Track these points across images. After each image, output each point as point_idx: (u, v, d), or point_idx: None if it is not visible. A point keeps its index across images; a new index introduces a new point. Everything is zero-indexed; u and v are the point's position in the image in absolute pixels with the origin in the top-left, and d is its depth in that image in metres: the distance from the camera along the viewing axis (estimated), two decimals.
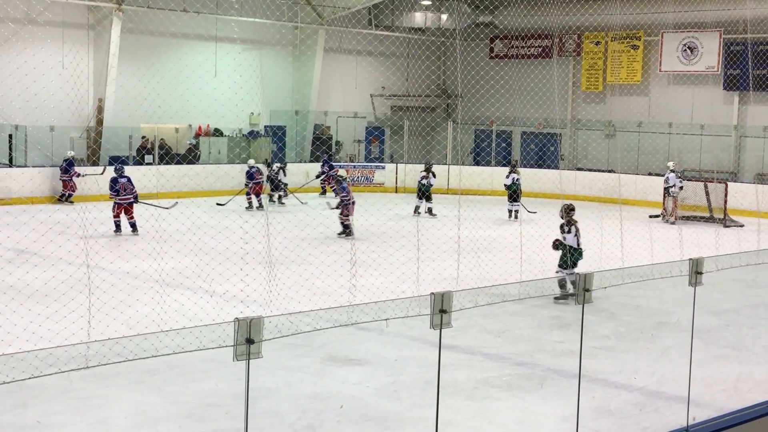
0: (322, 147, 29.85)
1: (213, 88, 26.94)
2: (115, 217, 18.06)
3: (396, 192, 28.57)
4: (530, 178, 27.23)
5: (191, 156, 26.54)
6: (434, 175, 22.79)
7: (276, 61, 30.44)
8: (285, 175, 24.97)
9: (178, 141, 27.43)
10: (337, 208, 18.20)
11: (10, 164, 23.46)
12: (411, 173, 28.50)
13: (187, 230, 17.28)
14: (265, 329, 5.60)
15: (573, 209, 13.41)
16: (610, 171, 28.44)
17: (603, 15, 30.10)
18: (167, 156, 26.03)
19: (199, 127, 27.85)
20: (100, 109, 25.43)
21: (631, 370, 9.86)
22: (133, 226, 17.99)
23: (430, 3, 31.34)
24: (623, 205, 20.13)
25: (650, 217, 22.92)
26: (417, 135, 31.75)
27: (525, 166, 29.67)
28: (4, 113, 23.80)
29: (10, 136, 24.01)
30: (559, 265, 13.13)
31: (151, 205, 18.56)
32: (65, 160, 22.75)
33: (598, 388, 9.04)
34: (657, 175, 26.13)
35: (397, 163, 29.56)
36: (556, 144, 31.73)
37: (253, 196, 22.91)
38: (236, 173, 26.05)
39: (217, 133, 28.07)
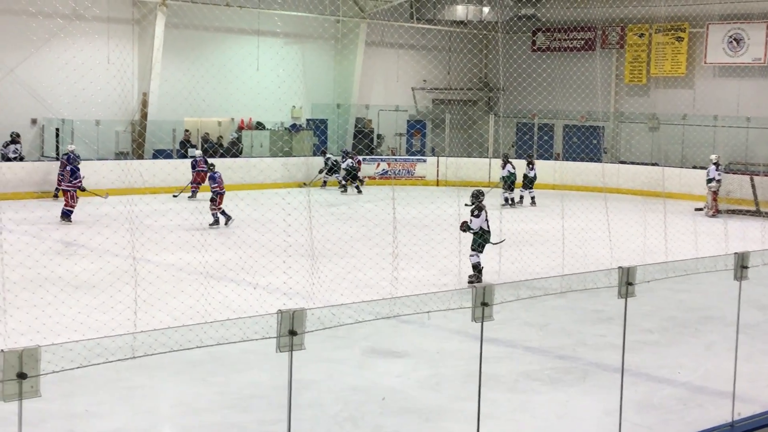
0: (364, 140, 29.94)
1: (256, 81, 27.11)
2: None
3: (437, 185, 28.55)
4: (572, 171, 27.08)
5: (234, 149, 26.76)
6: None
7: (318, 54, 30.55)
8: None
9: (221, 134, 27.65)
10: (212, 201, 18.51)
11: (57, 158, 23.82)
12: (452, 166, 28.48)
13: (231, 223, 17.47)
14: (308, 321, 5.66)
15: (482, 194, 13.93)
16: (653, 164, 28.16)
17: (647, 7, 29.79)
18: (211, 149, 26.27)
19: (242, 121, 28.05)
20: (144, 103, 25.73)
21: (674, 364, 9.79)
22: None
23: None
24: (667, 199, 19.95)
25: (696, 210, 22.67)
26: (458, 128, 31.68)
27: (567, 159, 29.48)
28: (52, 108, 24.19)
29: (57, 130, 24.38)
30: (473, 249, 13.48)
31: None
32: (65, 155, 21.84)
33: (641, 382, 9.00)
34: (701, 168, 25.81)
35: (438, 157, 29.52)
36: (599, 137, 31.49)
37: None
38: (279, 166, 26.20)
39: (260, 126, 28.25)
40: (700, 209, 22.68)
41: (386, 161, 29.14)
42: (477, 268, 13.42)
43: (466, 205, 21.30)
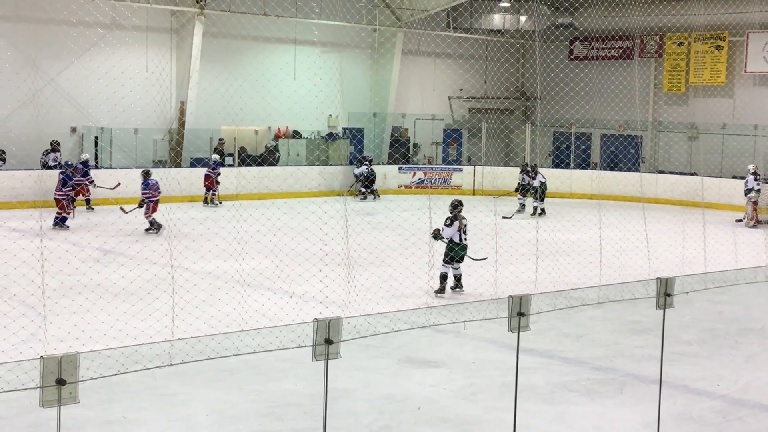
0: (401, 149, 29.96)
1: (293, 90, 27.24)
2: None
3: (473, 194, 28.48)
4: (610, 180, 26.88)
5: (271, 158, 26.90)
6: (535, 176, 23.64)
7: (354, 63, 30.65)
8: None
9: (257, 143, 27.80)
10: (140, 206, 18.35)
11: (97, 166, 24.08)
12: (488, 175, 28.40)
13: (268, 231, 17.50)
14: (344, 330, 5.67)
15: (460, 204, 13.44)
16: (692, 174, 27.88)
17: (686, 15, 29.53)
18: (248, 158, 26.44)
19: (278, 129, 28.20)
20: (182, 112, 25.95)
21: (714, 376, 9.67)
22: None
23: (509, 5, 31.18)
24: (706, 209, 19.73)
25: (736, 221, 22.40)
26: (495, 137, 31.59)
27: (605, 169, 29.29)
28: (92, 116, 24.49)
29: (96, 138, 24.66)
30: (444, 261, 13.12)
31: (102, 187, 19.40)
32: (81, 162, 21.89)
33: (679, 394, 8.89)
34: (740, 178, 25.49)
35: (474, 166, 29.46)
36: (637, 146, 31.24)
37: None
38: (315, 175, 26.30)
39: (296, 135, 28.38)
40: (740, 220, 22.40)
41: (422, 170, 29.13)
42: (442, 279, 13.00)
43: (504, 218, 21.29)
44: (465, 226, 13.23)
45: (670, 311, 7.24)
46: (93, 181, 21.60)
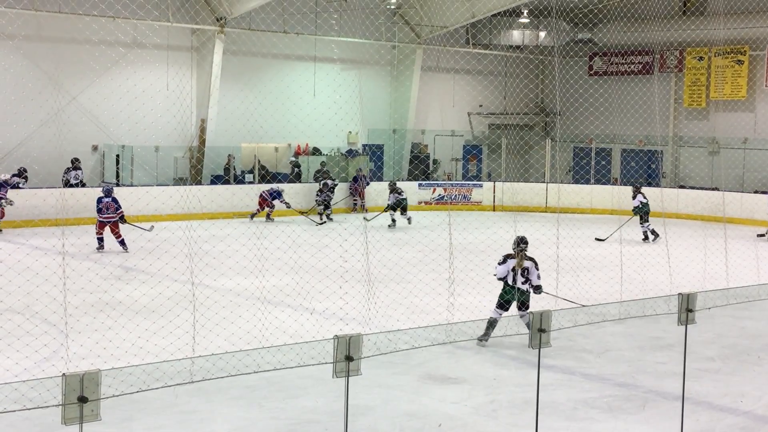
0: (420, 166, 29.99)
1: (313, 107, 27.35)
2: (97, 234, 18.20)
3: (494, 210, 28.45)
4: (630, 196, 26.75)
5: (292, 174, 26.99)
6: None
7: (374, 80, 30.75)
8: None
9: (277, 160, 27.91)
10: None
11: (118, 183, 24.24)
12: (509, 191, 28.36)
13: (288, 248, 17.55)
14: (364, 347, 5.67)
15: (522, 242, 11.19)
16: (713, 189, 27.73)
17: (706, 30, 29.42)
18: (268, 175, 26.53)
19: (298, 146, 28.30)
20: (202, 130, 26.11)
21: (737, 393, 9.58)
22: (122, 243, 18.09)
23: (528, 21, 31.22)
24: (728, 224, 19.61)
25: (758, 236, 22.26)
26: (515, 153, 31.58)
27: (624, 184, 29.19)
28: (113, 134, 24.68)
29: (118, 156, 24.84)
30: (496, 306, 11.17)
31: (135, 226, 18.91)
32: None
33: (702, 411, 8.82)
34: (762, 192, 25.39)
35: (494, 182, 29.43)
36: (657, 161, 31.13)
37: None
38: (336, 191, 26.29)
39: (316, 151, 28.47)
40: (762, 235, 22.26)
41: (442, 186, 29.14)
42: (487, 325, 11.02)
43: (597, 239, 20.61)
44: (526, 269, 11.04)
45: (692, 327, 7.20)
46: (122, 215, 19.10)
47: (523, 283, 11.00)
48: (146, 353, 10.02)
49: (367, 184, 26.93)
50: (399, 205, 23.30)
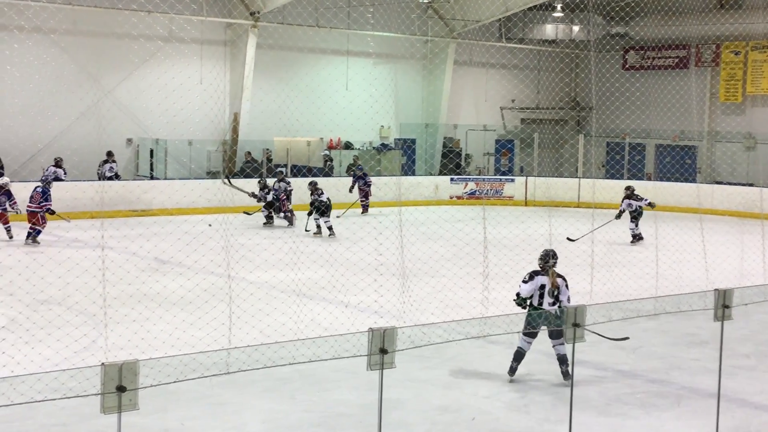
0: (455, 160, 29.96)
1: (348, 101, 27.41)
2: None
3: (525, 205, 28.36)
4: (665, 191, 26.55)
5: (326, 168, 27.06)
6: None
7: (406, 74, 30.75)
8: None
9: (310, 154, 27.98)
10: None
11: (151, 177, 24.49)
12: (541, 186, 28.24)
13: (323, 241, 17.67)
14: (398, 340, 5.71)
15: (549, 256, 9.68)
16: (750, 185, 27.45)
17: (743, 23, 29.12)
18: (303, 169, 26.60)
19: (330, 140, 28.37)
20: (236, 124, 26.26)
21: None
22: (8, 230, 17.61)
23: (561, 15, 31.06)
24: (765, 220, 19.42)
25: None
26: (547, 148, 31.46)
27: (660, 179, 28.97)
28: (147, 128, 24.91)
29: (152, 150, 25.07)
30: (523, 333, 9.45)
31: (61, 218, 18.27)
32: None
33: (737, 408, 8.78)
34: None
35: (527, 176, 29.33)
36: (693, 157, 30.86)
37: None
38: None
39: (349, 146, 28.53)
40: None
41: (474, 181, 29.09)
42: (515, 357, 9.49)
43: (569, 239, 20.26)
44: (557, 288, 9.48)
45: (728, 324, 7.17)
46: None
47: (551, 305, 9.34)
48: (183, 344, 10.14)
49: (366, 182, 24.72)
50: (323, 205, 19.93)
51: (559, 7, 30.47)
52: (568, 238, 18.77)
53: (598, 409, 8.68)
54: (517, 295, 9.54)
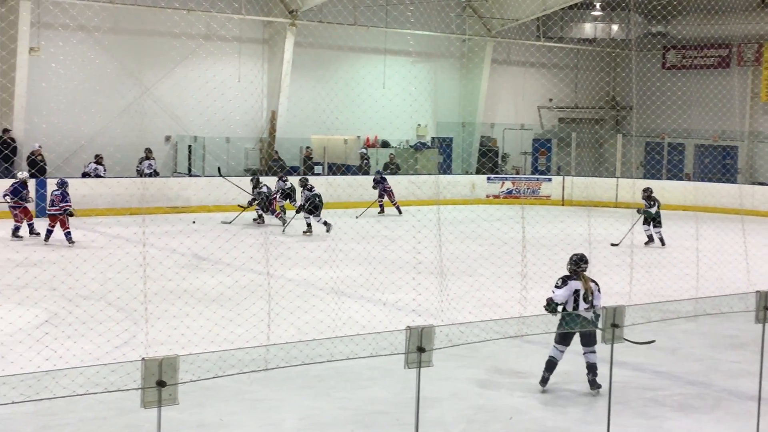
0: (492, 159, 29.87)
1: (388, 99, 27.33)
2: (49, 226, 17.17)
3: (563, 205, 28.21)
4: (705, 191, 26.30)
5: (363, 166, 27.09)
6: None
7: (444, 72, 30.71)
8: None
9: (347, 152, 28.01)
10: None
11: (189, 174, 24.69)
12: (578, 186, 28.07)
13: (362, 239, 17.69)
14: (435, 338, 5.72)
15: (582, 260, 9.31)
16: None
17: None
18: (342, 167, 26.66)
19: (367, 139, 28.41)
20: (273, 122, 26.39)
21: None
22: (67, 235, 17.02)
23: (601, 13, 30.84)
24: None
25: None
26: (585, 147, 31.26)
27: (701, 180, 28.67)
28: (185, 125, 25.12)
29: (190, 147, 25.27)
30: (555, 341, 9.19)
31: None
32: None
33: None
34: None
35: (564, 176, 29.18)
36: (733, 157, 30.50)
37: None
38: (407, 183, 26.24)
39: (385, 144, 28.56)
40: None
41: (511, 180, 29.00)
42: (546, 367, 9.22)
43: (612, 244, 19.69)
44: (590, 292, 9.21)
45: None
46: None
47: (586, 310, 9.06)
48: (222, 340, 10.23)
49: (385, 188, 24.13)
50: (311, 203, 19.32)
51: (598, 5, 30.27)
52: (612, 244, 18.63)
53: (636, 410, 8.63)
54: (549, 301, 9.28)
